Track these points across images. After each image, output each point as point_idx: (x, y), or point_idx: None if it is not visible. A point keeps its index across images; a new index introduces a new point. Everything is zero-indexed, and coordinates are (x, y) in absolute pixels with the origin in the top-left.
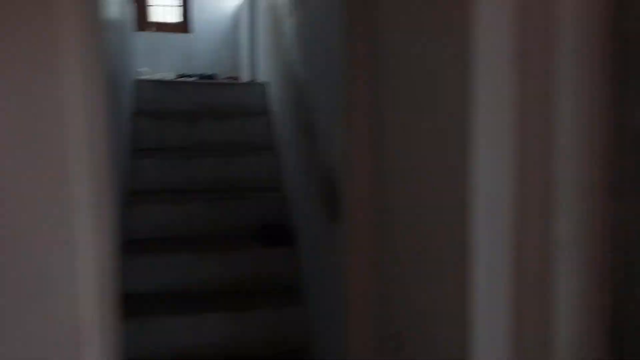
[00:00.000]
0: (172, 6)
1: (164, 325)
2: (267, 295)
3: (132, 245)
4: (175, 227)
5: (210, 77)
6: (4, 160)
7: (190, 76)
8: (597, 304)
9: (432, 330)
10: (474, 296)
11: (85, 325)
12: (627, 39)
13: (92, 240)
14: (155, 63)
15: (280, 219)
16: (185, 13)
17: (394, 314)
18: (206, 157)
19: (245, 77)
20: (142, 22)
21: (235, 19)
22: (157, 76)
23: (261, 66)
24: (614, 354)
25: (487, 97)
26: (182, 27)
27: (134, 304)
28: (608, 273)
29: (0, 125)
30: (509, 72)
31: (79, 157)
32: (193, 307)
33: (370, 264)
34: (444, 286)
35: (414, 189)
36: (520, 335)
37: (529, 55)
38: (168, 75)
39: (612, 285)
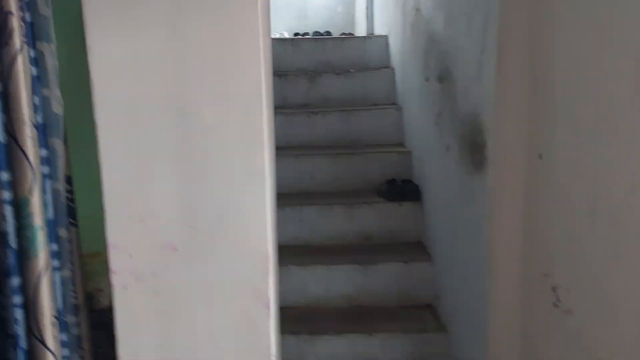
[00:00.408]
0: None
1: (296, 275)
2: (393, 249)
3: None
4: (300, 182)
5: (325, 34)
6: (214, 105)
7: (305, 34)
8: None
9: (604, 297)
10: None
11: (270, 255)
12: None
13: (270, 175)
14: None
15: (405, 174)
16: None
17: (551, 269)
18: (328, 113)
19: (361, 32)
20: None
21: None
22: (274, 36)
23: (378, 19)
24: None
25: None
26: None
27: None
28: None
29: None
30: None
31: (261, 108)
32: (322, 260)
33: (518, 215)
34: (624, 249)
35: (591, 137)
36: None
37: None
38: (284, 34)
39: None
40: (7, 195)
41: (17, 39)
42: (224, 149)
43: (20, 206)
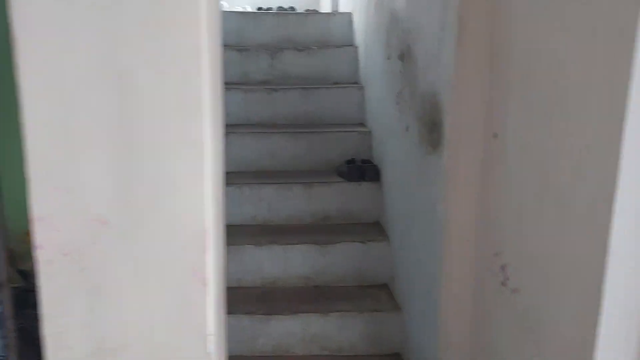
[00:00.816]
0: None
1: (252, 255)
2: (351, 229)
3: None
4: (259, 161)
5: (289, 9)
6: (148, 70)
7: (269, 9)
8: None
9: (549, 276)
10: (611, 244)
11: (208, 231)
12: None
13: (211, 147)
14: None
15: (365, 154)
16: None
17: (501, 248)
18: (289, 90)
19: (326, 9)
20: None
21: None
22: (236, 9)
23: None
24: None
25: None
26: None
27: None
28: None
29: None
30: None
31: (199, 75)
32: (279, 240)
33: (473, 195)
34: (569, 230)
35: (543, 117)
36: None
37: None
38: (246, 7)
39: None
40: None
41: None
42: (158, 117)
43: None
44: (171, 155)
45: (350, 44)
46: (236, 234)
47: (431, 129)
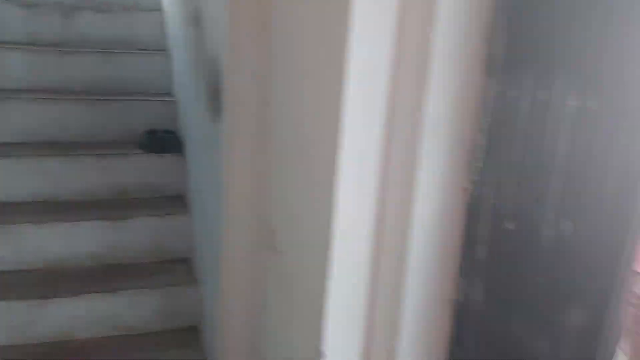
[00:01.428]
0: None
1: (33, 235)
2: (151, 203)
3: None
4: (45, 130)
5: None
6: None
7: None
8: None
9: (302, 237)
10: (336, 203)
11: None
12: None
13: None
14: None
15: (170, 124)
16: None
17: (272, 214)
18: (87, 54)
19: None
20: None
21: None
22: None
23: None
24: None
25: None
26: None
27: None
28: None
29: None
30: None
31: None
32: (65, 217)
33: (251, 162)
34: (314, 192)
35: (297, 85)
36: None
37: None
38: None
39: None
40: None
41: None
42: None
43: None
44: None
45: (158, 9)
46: (14, 212)
47: (214, 96)
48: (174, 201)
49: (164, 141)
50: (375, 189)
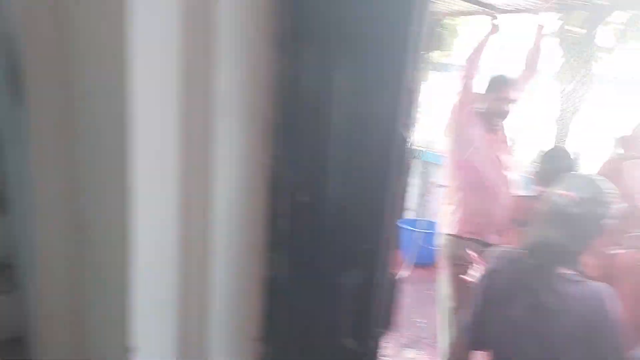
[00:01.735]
0: None
1: None
2: None
3: None
4: None
5: None
6: None
7: None
8: None
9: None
10: (137, 188)
11: None
12: None
13: None
14: None
15: None
16: None
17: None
18: None
19: None
20: None
21: None
22: None
23: None
24: None
25: None
26: None
27: None
28: None
29: None
30: None
31: None
32: None
33: (62, 152)
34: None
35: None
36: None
37: None
38: None
39: None
40: None
41: None
42: None
43: None
44: None
45: None
46: None
47: (13, 78)
48: None
49: None
50: (174, 170)
